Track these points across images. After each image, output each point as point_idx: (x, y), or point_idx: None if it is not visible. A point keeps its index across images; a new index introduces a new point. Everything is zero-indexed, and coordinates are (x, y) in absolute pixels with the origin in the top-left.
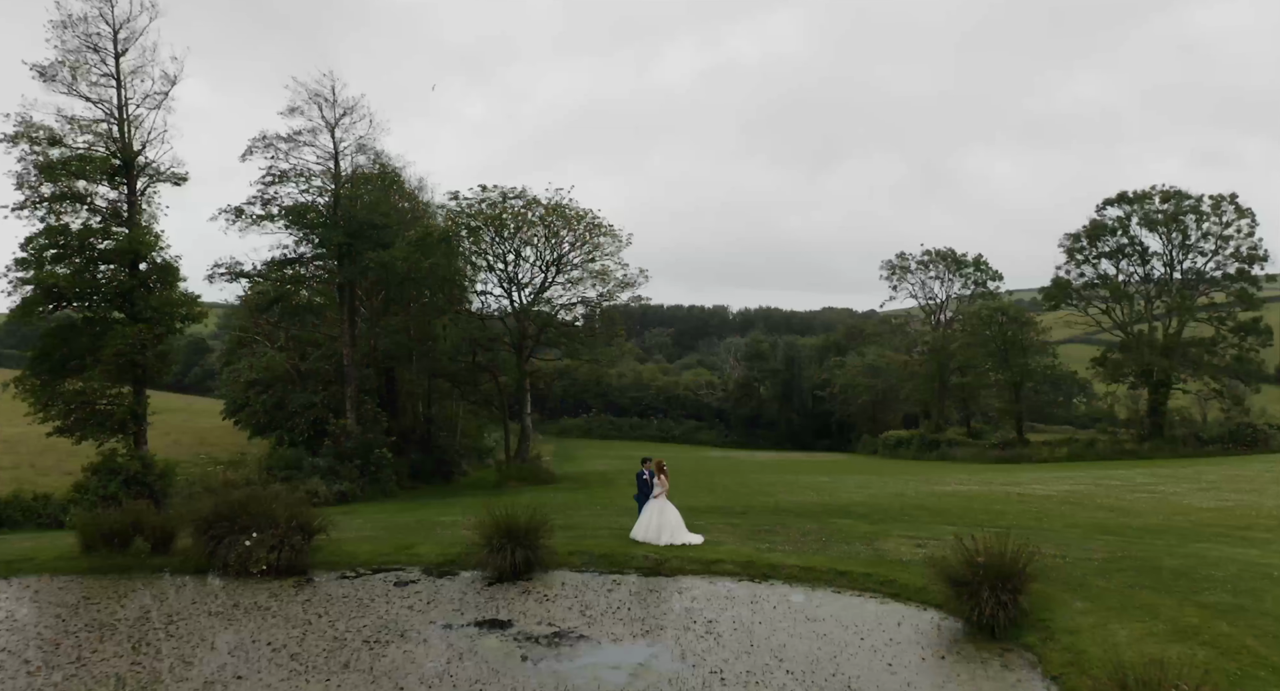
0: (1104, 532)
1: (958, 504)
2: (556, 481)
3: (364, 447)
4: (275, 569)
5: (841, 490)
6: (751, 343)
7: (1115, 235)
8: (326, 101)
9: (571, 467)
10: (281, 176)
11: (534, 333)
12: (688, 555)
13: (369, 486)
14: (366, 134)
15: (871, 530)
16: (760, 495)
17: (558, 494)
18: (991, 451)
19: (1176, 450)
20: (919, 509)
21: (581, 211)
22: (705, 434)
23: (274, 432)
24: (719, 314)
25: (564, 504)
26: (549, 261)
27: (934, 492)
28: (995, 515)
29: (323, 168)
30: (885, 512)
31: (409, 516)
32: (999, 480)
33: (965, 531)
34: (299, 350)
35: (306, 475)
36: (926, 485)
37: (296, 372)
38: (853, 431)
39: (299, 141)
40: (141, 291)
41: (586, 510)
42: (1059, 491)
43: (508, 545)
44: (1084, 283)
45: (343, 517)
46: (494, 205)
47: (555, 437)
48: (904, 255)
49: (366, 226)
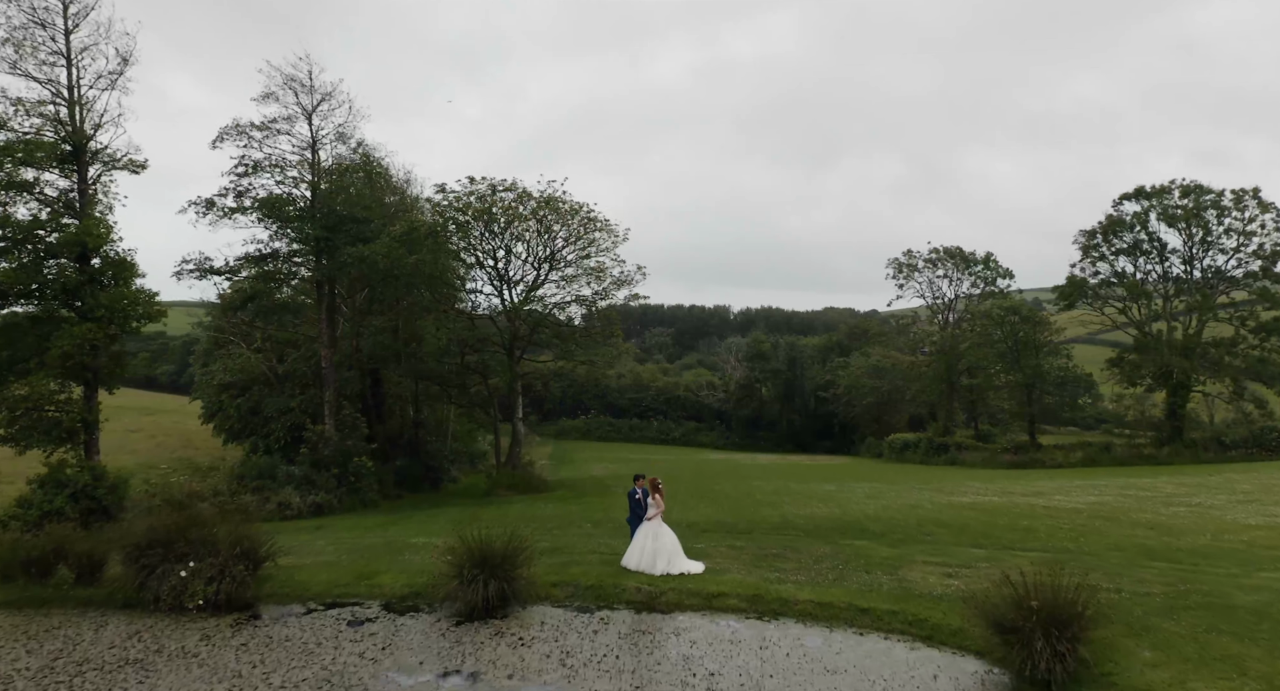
0: (1151, 557)
1: (980, 519)
2: (549, 489)
3: (342, 456)
4: (214, 603)
5: (851, 501)
6: (753, 342)
7: (1133, 231)
8: (303, 87)
9: (567, 472)
10: (255, 167)
11: (526, 333)
12: (686, 586)
13: (347, 497)
14: (346, 122)
15: (892, 555)
16: (765, 507)
17: (548, 504)
18: (1003, 456)
19: (1197, 455)
20: (939, 525)
21: (576, 205)
22: (705, 435)
23: (249, 439)
24: (720, 314)
25: (553, 518)
26: (541, 258)
27: (951, 504)
28: (1023, 534)
29: (300, 158)
30: (903, 530)
31: (380, 535)
32: (1018, 489)
33: (996, 555)
34: (277, 351)
35: (280, 485)
36: (941, 495)
37: (273, 375)
38: (856, 433)
39: (274, 129)
40: (92, 288)
41: (576, 528)
42: (1086, 504)
43: (480, 576)
44: (1099, 281)
45: (308, 536)
46: (483, 198)
47: (553, 439)
48: (911, 253)
49: (346, 220)
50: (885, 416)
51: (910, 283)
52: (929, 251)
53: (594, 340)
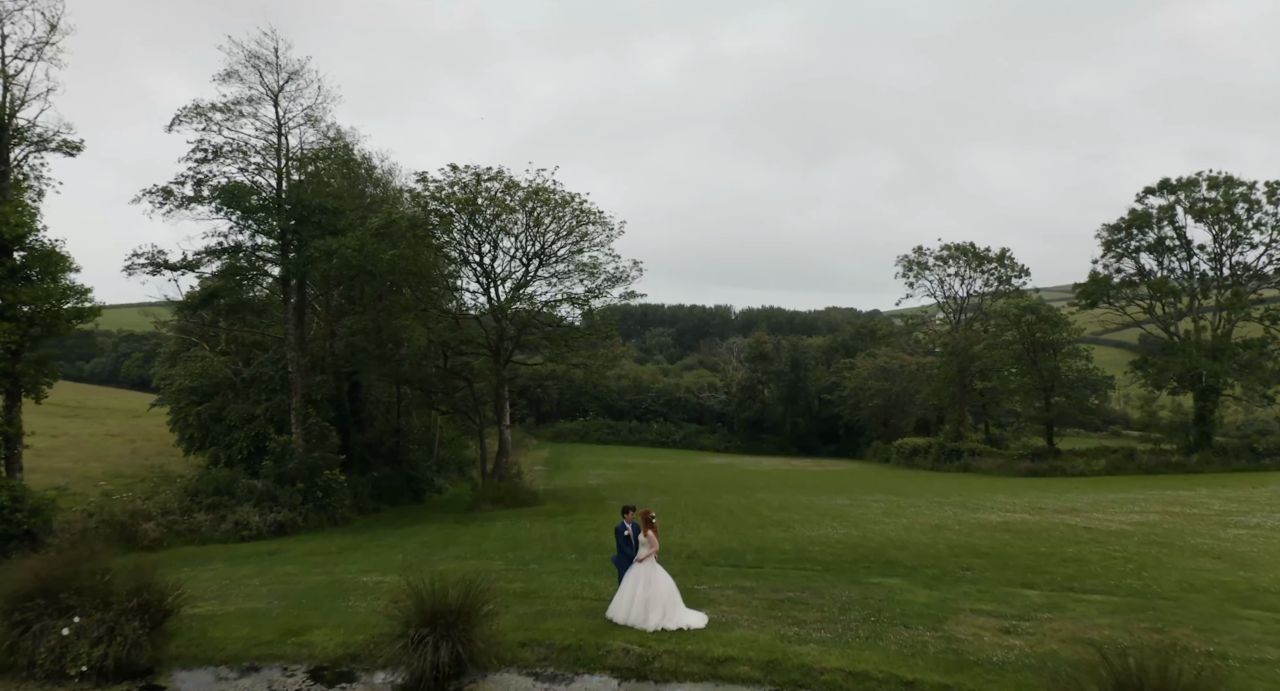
0: (1242, 602)
1: (1019, 546)
2: (538, 502)
3: (309, 469)
4: (101, 670)
5: (868, 519)
6: (755, 343)
7: (1158, 226)
8: (268, 65)
9: (561, 480)
10: (216, 152)
11: (514, 334)
12: (685, 648)
13: (314, 514)
14: (315, 103)
15: (932, 600)
16: (774, 527)
17: (534, 522)
18: (1020, 464)
19: (1229, 463)
20: (975, 555)
21: (567, 195)
22: (707, 438)
23: (210, 449)
24: (721, 314)
25: (536, 541)
26: (530, 253)
27: (980, 524)
28: (1075, 567)
29: (265, 143)
30: (936, 561)
31: (328, 571)
32: (1049, 504)
33: (1055, 599)
34: (244, 354)
35: (238, 502)
36: (966, 511)
37: (238, 380)
38: (861, 437)
39: (237, 111)
40: (12, 283)
41: (559, 560)
42: (1131, 524)
43: (431, 637)
44: (1122, 278)
45: (250, 567)
46: (466, 188)
47: (550, 442)
48: (922, 250)
49: (316, 210)
50: (892, 420)
51: (921, 281)
52: (940, 248)
53: (587, 341)
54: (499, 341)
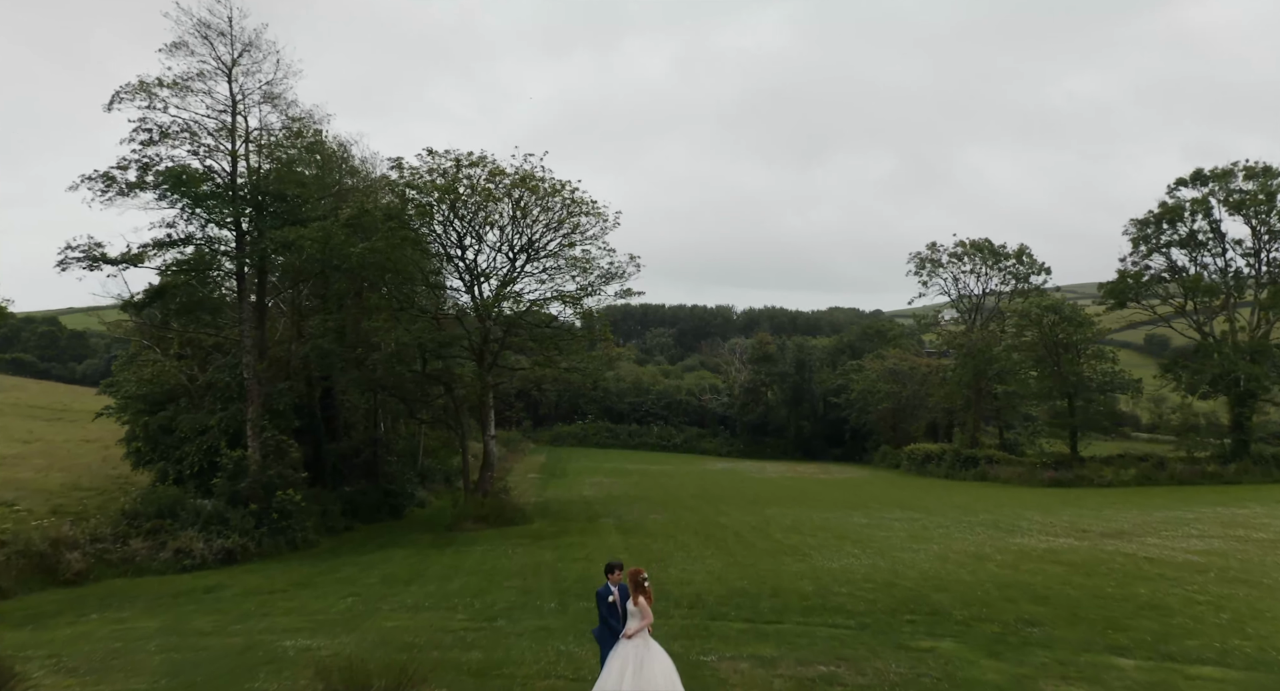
0: None
1: (1080, 583)
2: (525, 520)
3: (265, 487)
4: None
5: (894, 544)
6: (758, 344)
7: (1192, 219)
8: (220, 35)
9: (556, 490)
10: (163, 133)
11: (499, 335)
12: None
13: (269, 539)
14: (274, 78)
15: (1004, 679)
16: (789, 556)
17: (517, 548)
18: (1043, 473)
19: (1269, 473)
20: (1032, 598)
21: (557, 183)
22: (708, 442)
23: (157, 464)
24: (722, 314)
25: (516, 573)
26: (517, 247)
27: (1024, 552)
28: (1159, 617)
29: (218, 123)
30: (989, 610)
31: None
32: (1094, 526)
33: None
34: (201, 358)
35: (182, 525)
36: (1001, 533)
37: (192, 387)
38: (869, 441)
39: (186, 88)
40: None
41: (532, 615)
42: (1197, 554)
43: None
44: (1151, 276)
45: (163, 621)
46: (445, 174)
47: (547, 446)
48: (936, 247)
49: (276, 198)
50: (901, 424)
51: (934, 279)
52: (955, 244)
53: (579, 343)
54: (483, 344)
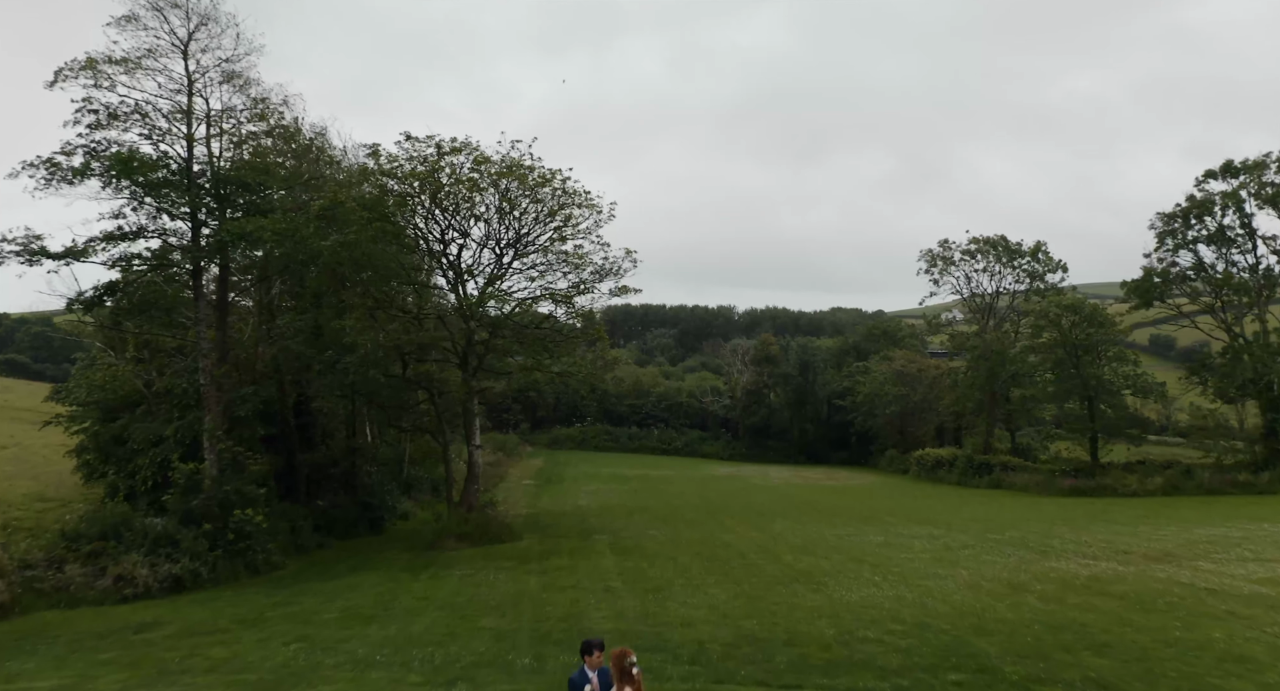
0: None
1: (1140, 623)
2: (514, 537)
3: (221, 505)
4: None
5: (918, 570)
6: (761, 345)
7: (1223, 214)
8: (174, 7)
9: (549, 499)
10: (112, 114)
11: (484, 338)
12: None
13: (224, 563)
14: (234, 55)
15: None
16: (803, 585)
17: (499, 574)
18: (1062, 481)
19: None
20: (1090, 644)
21: (547, 172)
22: (710, 445)
23: (109, 478)
24: (724, 314)
25: (490, 614)
26: (504, 242)
27: (1066, 580)
28: (1247, 673)
29: (173, 105)
30: (1046, 664)
31: None
32: (1134, 545)
33: None
34: (160, 361)
35: (127, 548)
36: (1035, 556)
37: (148, 393)
38: (875, 444)
39: (137, 65)
40: None
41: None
42: (1262, 584)
43: None
44: (1176, 273)
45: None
46: (426, 162)
47: (545, 449)
48: (947, 244)
49: (238, 187)
50: (909, 428)
51: (946, 277)
52: (968, 241)
53: (571, 345)
54: (467, 346)
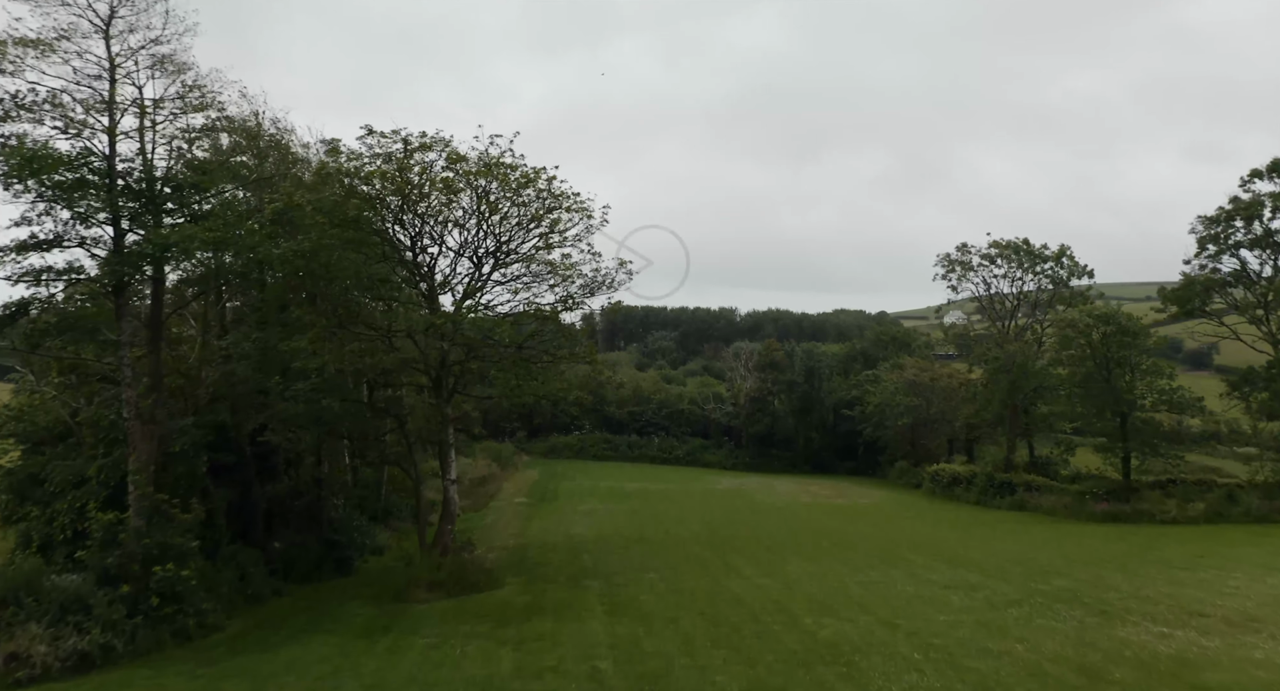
0: None
1: None
2: (494, 585)
3: (145, 561)
4: None
5: (965, 646)
6: (765, 350)
7: (1272, 216)
8: None
9: (541, 524)
10: (18, 105)
11: (460, 358)
12: None
13: (146, 631)
14: (162, 34)
15: None
16: (828, 667)
17: (469, 644)
18: (1093, 504)
19: None
20: None
21: (530, 172)
22: (712, 454)
23: (19, 524)
24: (726, 316)
25: None
26: (483, 250)
27: (1147, 663)
28: None
29: (92, 95)
30: None
31: None
32: (1206, 602)
33: None
34: (90, 389)
35: (28, 616)
36: (1104, 623)
37: (73, 426)
38: (883, 454)
39: (49, 47)
40: None
41: None
42: None
43: None
44: (1219, 279)
45: None
46: (392, 159)
47: (542, 459)
48: (966, 248)
49: (174, 188)
50: (921, 440)
51: (965, 282)
52: (989, 245)
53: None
54: (440, 369)
